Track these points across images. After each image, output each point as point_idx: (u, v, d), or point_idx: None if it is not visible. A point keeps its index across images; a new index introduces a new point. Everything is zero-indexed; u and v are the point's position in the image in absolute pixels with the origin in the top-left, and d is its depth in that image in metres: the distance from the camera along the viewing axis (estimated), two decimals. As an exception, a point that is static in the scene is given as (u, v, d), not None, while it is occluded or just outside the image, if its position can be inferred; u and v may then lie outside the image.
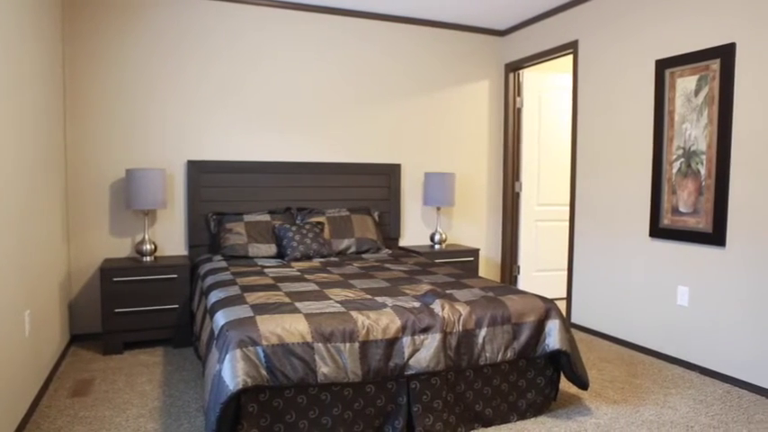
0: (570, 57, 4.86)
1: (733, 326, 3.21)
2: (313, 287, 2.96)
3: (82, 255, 3.94)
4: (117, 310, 3.61)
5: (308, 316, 2.37)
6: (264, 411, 2.23)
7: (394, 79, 4.83)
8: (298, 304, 2.55)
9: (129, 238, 4.06)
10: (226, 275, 3.26)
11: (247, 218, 4.12)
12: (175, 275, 3.73)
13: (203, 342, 2.72)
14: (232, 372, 2.09)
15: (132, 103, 4.02)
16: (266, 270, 3.48)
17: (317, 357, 2.25)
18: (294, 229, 4.02)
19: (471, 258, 4.67)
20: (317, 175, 4.53)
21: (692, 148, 3.42)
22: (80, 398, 2.91)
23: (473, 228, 5.25)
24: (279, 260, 3.90)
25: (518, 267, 5.23)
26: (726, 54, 3.20)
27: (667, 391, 3.08)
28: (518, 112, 5.20)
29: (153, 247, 3.87)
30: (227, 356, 2.14)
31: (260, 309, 2.45)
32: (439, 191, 4.66)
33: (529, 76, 5.16)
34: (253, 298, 2.66)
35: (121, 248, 4.04)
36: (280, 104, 4.44)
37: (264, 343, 2.19)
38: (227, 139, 4.30)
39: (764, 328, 3.04)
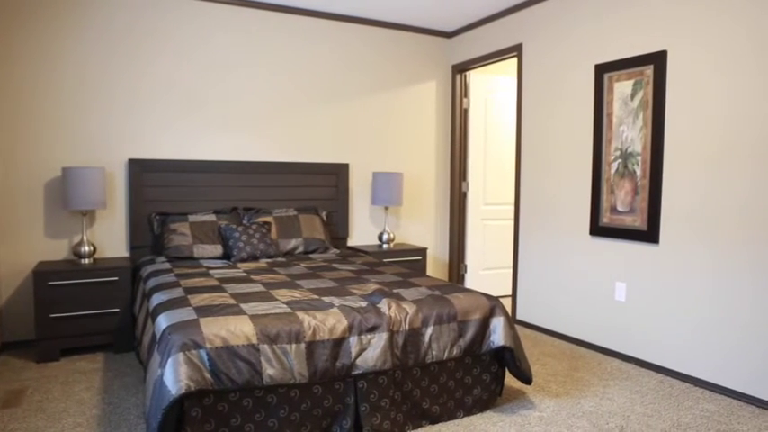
0: (515, 60, 4.98)
1: (666, 319, 3.37)
2: (259, 288, 2.92)
3: (13, 257, 3.75)
4: (53, 316, 3.45)
5: (253, 317, 2.34)
6: (209, 416, 2.19)
7: (342, 79, 4.82)
8: (243, 306, 2.51)
9: (67, 240, 3.89)
10: (169, 277, 3.17)
11: (192, 218, 4.02)
12: (116, 278, 3.60)
13: (145, 346, 2.64)
14: (174, 376, 2.04)
15: (69, 101, 3.85)
16: (211, 271, 3.41)
17: (262, 359, 2.22)
18: (240, 229, 3.95)
19: (419, 258, 4.71)
20: (264, 174, 4.47)
21: (629, 150, 3.56)
22: (10, 409, 2.77)
23: (421, 227, 5.30)
24: (225, 261, 3.83)
25: (465, 266, 5.32)
26: (658, 60, 3.35)
27: (606, 383, 3.20)
28: (465, 113, 5.28)
29: (92, 248, 3.73)
30: (170, 360, 2.08)
31: (204, 311, 2.40)
32: (387, 190, 4.69)
33: (475, 77, 5.25)
34: (197, 300, 2.60)
35: (58, 251, 3.87)
36: (227, 103, 4.36)
37: (208, 346, 2.15)
38: (171, 137, 4.18)
39: (694, 321, 3.21)
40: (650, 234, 3.43)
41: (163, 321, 2.36)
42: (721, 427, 2.65)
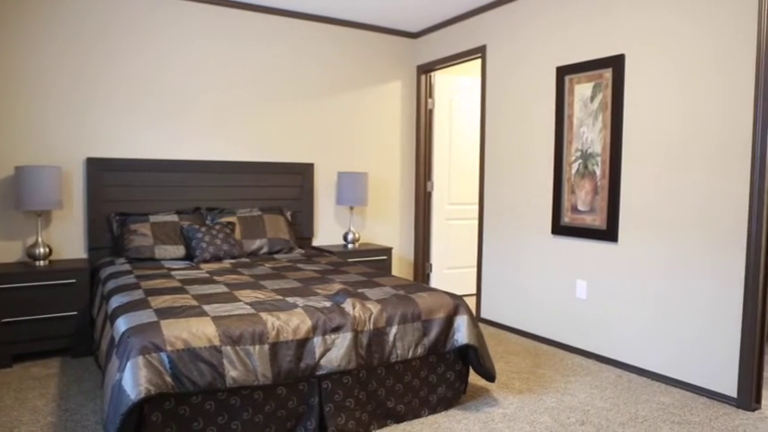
0: (479, 61, 5.04)
1: (624, 315, 3.46)
2: (222, 289, 2.88)
3: (-36, 260, 3.61)
4: (4, 320, 3.33)
5: (215, 319, 2.31)
6: (170, 420, 2.15)
7: (307, 78, 4.79)
8: (206, 307, 2.47)
9: (20, 242, 3.76)
10: (129, 279, 3.10)
11: (153, 218, 3.94)
12: (74, 280, 3.50)
13: (103, 350, 2.58)
14: (134, 380, 1.99)
15: (24, 97, 3.72)
16: (173, 272, 3.35)
17: (225, 361, 2.19)
18: (204, 229, 3.89)
19: (384, 257, 4.72)
20: (228, 174, 4.41)
21: (589, 151, 3.64)
22: (-39, 416, 2.67)
23: (386, 227, 5.31)
24: (187, 262, 3.76)
25: (430, 265, 5.36)
26: (616, 64, 3.44)
27: (567, 379, 3.26)
28: (430, 114, 5.32)
29: (47, 250, 3.61)
30: (129, 364, 2.04)
31: (165, 313, 2.35)
32: (352, 190, 4.68)
33: (440, 78, 5.29)
34: (158, 302, 2.54)
35: (11, 253, 3.74)
36: (190, 101, 4.29)
37: (169, 348, 2.10)
38: (131, 135, 4.09)
39: (651, 317, 3.30)
40: (609, 233, 3.51)
41: (122, 324, 2.31)
42: (676, 418, 2.74)
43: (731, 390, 2.92)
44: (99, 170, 3.92)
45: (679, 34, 3.12)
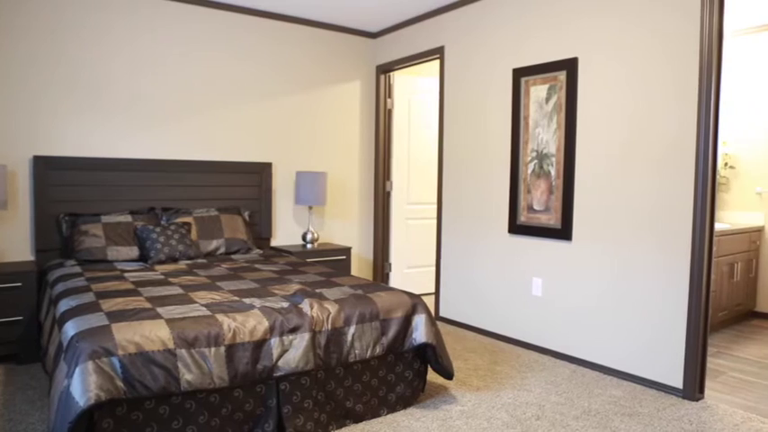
0: (437, 62, 5.08)
1: (578, 312, 3.55)
2: (177, 291, 2.83)
3: None
4: (-55, 325, 3.18)
5: (170, 321, 2.26)
6: (121, 426, 2.09)
7: (266, 76, 4.74)
8: (159, 309, 2.42)
9: (-38, 244, 3.60)
10: (79, 282, 3.00)
11: (106, 219, 3.83)
12: (20, 284, 3.36)
13: (51, 356, 2.49)
14: (83, 386, 1.93)
15: (-37, 91, 3.57)
16: (126, 274, 3.26)
17: (179, 364, 2.15)
18: (158, 230, 3.81)
19: (343, 257, 4.71)
20: (184, 173, 4.32)
21: (544, 151, 3.72)
22: None
23: (345, 226, 5.30)
24: (141, 263, 3.67)
25: (389, 265, 5.37)
26: (570, 67, 3.52)
27: (524, 375, 3.33)
28: (389, 114, 5.33)
29: (-9, 252, 3.47)
30: (77, 370, 1.97)
31: (116, 316, 2.29)
32: (310, 190, 4.66)
33: (399, 78, 5.31)
34: (109, 305, 2.47)
35: (-49, 255, 3.58)
36: (144, 98, 4.18)
37: (121, 353, 2.05)
38: (82, 133, 3.95)
39: (603, 314, 3.40)
40: (564, 231, 3.60)
41: (71, 328, 2.23)
42: (626, 410, 2.82)
43: (677, 381, 3.04)
44: (47, 169, 3.78)
45: (629, 40, 3.22)
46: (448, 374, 2.87)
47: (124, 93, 4.10)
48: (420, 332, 2.77)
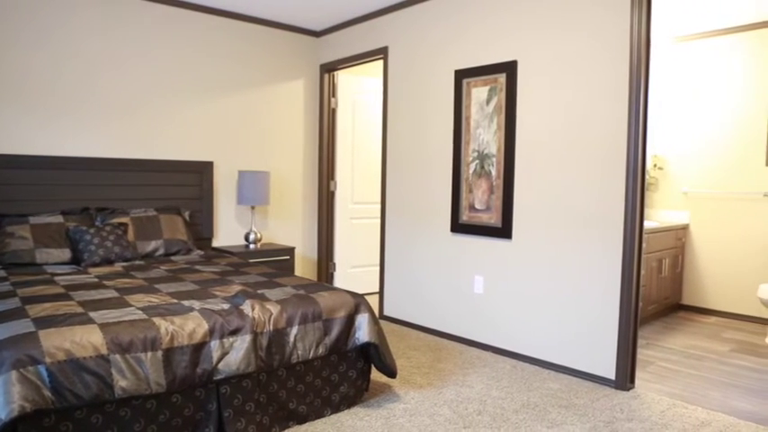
0: (381, 62, 5.10)
1: (518, 308, 3.64)
2: (112, 294, 2.72)
3: None
4: None
5: (103, 326, 2.17)
6: (50, 436, 1.99)
7: (206, 73, 4.62)
8: (92, 314, 2.32)
9: None
10: (3, 286, 2.84)
11: (34, 220, 3.64)
12: (-63, 289, 3.16)
13: (-28, 365, 2.34)
14: (5, 398, 1.83)
15: None
16: (57, 278, 3.11)
17: (113, 371, 2.07)
18: (92, 231, 3.65)
19: (287, 257, 4.67)
20: (120, 172, 4.16)
21: (485, 152, 3.80)
22: None
23: (289, 226, 5.25)
24: (74, 266, 3.51)
25: (334, 264, 5.36)
26: (510, 69, 3.61)
27: (466, 372, 3.39)
28: (333, 113, 5.32)
29: None
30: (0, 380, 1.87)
31: (44, 322, 2.18)
32: (253, 189, 4.59)
33: (343, 77, 5.30)
34: (37, 310, 2.35)
35: None
36: (77, 95, 3.99)
37: (48, 360, 1.95)
38: (7, 129, 3.74)
39: (541, 309, 3.51)
40: (504, 230, 3.68)
41: (-7, 336, 2.11)
42: (563, 402, 2.93)
43: (610, 373, 3.17)
44: (-32, 167, 3.57)
45: (566, 44, 3.33)
46: (391, 373, 2.89)
47: (54, 89, 3.91)
48: (363, 331, 2.77)
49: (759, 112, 4.68)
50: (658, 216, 5.32)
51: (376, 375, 3.24)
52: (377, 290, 5.37)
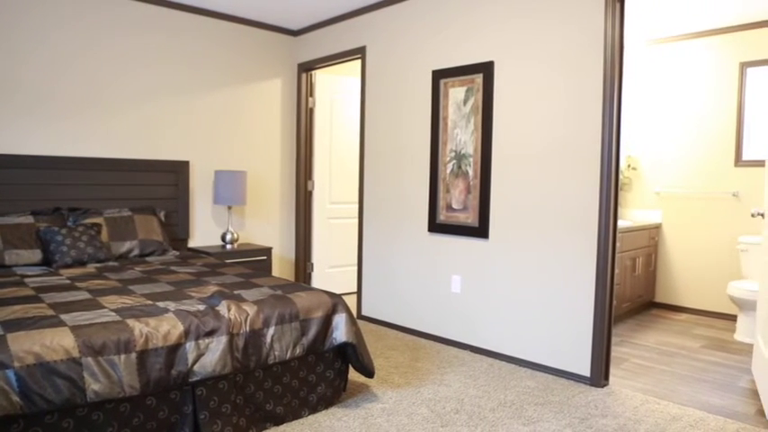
0: (359, 61, 5.10)
1: (495, 307, 3.67)
2: (85, 296, 2.67)
3: None
4: None
5: (75, 328, 2.13)
6: (20, 442, 1.95)
7: (182, 72, 4.57)
8: (64, 316, 2.28)
9: None
10: (-29, 289, 2.77)
11: (3, 220, 3.56)
12: None
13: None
14: (-27, 402, 1.79)
15: None
16: (27, 280, 3.05)
17: (85, 374, 2.03)
18: (64, 231, 3.58)
19: (264, 257, 4.64)
20: (93, 171, 4.09)
21: (462, 152, 3.82)
22: None
23: (266, 226, 5.22)
24: (45, 268, 3.44)
25: (312, 264, 5.34)
26: (487, 70, 3.64)
27: (444, 371, 3.40)
28: (310, 112, 5.30)
29: None
30: (-33, 384, 1.82)
31: (13, 325, 2.13)
32: (230, 189, 4.55)
33: (321, 77, 5.28)
34: (5, 313, 2.30)
35: None
36: (49, 92, 3.91)
37: (17, 365, 1.91)
38: (-27, 128, 3.66)
39: (517, 308, 3.54)
40: (481, 230, 3.71)
41: (-40, 340, 2.06)
42: (539, 400, 2.96)
43: (585, 370, 3.22)
44: (-66, 166, 3.47)
45: (542, 45, 3.37)
46: (369, 373, 2.89)
47: (26, 85, 3.83)
48: (340, 331, 2.77)
49: (727, 114, 4.79)
50: (632, 215, 5.41)
51: (354, 375, 3.23)
52: (355, 290, 5.36)
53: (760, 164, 4.62)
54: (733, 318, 4.76)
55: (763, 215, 3.22)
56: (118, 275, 3.25)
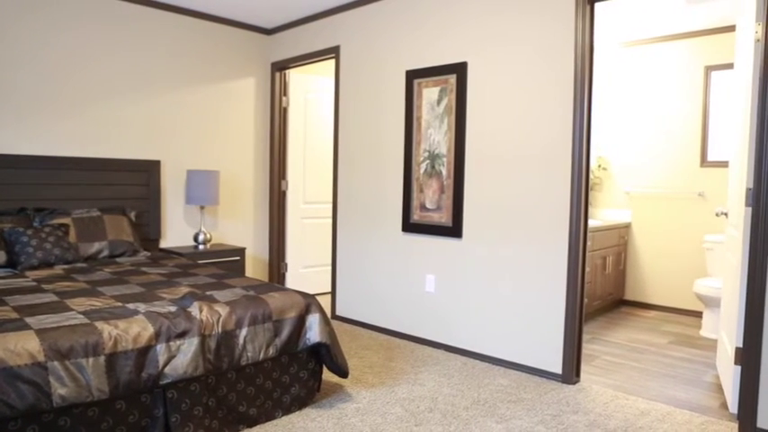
0: (333, 61, 5.08)
1: (468, 306, 3.70)
2: (51, 298, 2.61)
3: None
4: None
5: (40, 332, 2.08)
6: (-17, 449, 1.90)
7: (153, 70, 4.49)
8: (29, 319, 2.22)
9: None
10: (-69, 292, 2.69)
11: (-35, 221, 3.46)
12: None
13: None
14: (-67, 408, 1.73)
15: None
16: (-10, 282, 2.97)
17: (51, 378, 1.99)
18: (30, 232, 3.49)
19: (237, 258, 4.59)
20: (61, 171, 4.00)
21: (436, 152, 3.84)
22: None
23: (240, 226, 5.17)
24: (9, 270, 3.35)
25: (286, 265, 5.31)
26: (460, 70, 3.66)
27: (418, 370, 3.42)
28: (284, 112, 5.26)
29: None
30: (-73, 390, 1.77)
31: (-24, 329, 2.07)
32: (202, 189, 4.49)
33: (295, 76, 5.26)
34: (-32, 316, 2.24)
35: None
36: (12, 87, 3.81)
37: (-20, 369, 1.86)
38: (-67, 126, 3.55)
39: (491, 307, 3.57)
40: (454, 229, 3.73)
41: None
42: (512, 397, 2.99)
43: (557, 368, 3.26)
44: None
45: (514, 47, 3.40)
46: (343, 373, 2.88)
47: (-13, 82, 3.73)
48: (314, 332, 2.76)
49: (694, 116, 4.91)
50: (602, 215, 5.50)
51: (328, 376, 3.22)
52: (329, 290, 5.34)
53: (724, 164, 4.75)
54: (699, 314, 4.88)
55: (726, 214, 3.31)
56: (86, 277, 3.18)
